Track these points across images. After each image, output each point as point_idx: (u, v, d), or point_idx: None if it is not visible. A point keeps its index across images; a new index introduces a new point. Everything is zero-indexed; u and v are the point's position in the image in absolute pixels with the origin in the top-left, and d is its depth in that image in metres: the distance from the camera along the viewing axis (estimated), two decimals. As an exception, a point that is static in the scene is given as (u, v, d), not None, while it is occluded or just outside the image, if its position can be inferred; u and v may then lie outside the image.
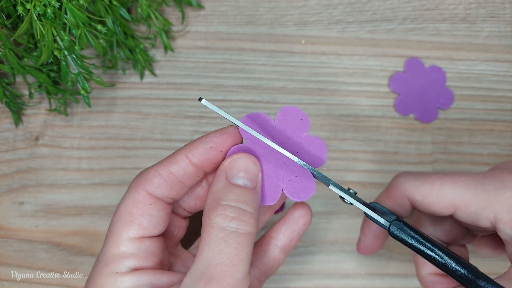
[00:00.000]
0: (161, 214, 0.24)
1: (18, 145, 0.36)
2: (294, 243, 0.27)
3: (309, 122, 0.25)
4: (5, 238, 0.35)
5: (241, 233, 0.22)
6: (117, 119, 0.36)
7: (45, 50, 0.30)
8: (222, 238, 0.22)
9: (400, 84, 0.37)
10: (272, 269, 0.27)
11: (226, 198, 0.22)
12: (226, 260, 0.21)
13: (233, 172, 0.23)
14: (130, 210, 0.23)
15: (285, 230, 0.27)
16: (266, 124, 0.24)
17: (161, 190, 0.23)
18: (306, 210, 0.27)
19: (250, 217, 0.22)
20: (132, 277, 0.22)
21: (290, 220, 0.27)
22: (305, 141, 0.25)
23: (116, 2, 0.34)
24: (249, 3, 0.38)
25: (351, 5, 0.38)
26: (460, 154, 0.37)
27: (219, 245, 0.21)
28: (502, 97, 0.38)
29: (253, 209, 0.23)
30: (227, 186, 0.23)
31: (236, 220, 0.22)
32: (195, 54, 0.37)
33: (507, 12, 0.39)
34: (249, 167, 0.23)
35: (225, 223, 0.22)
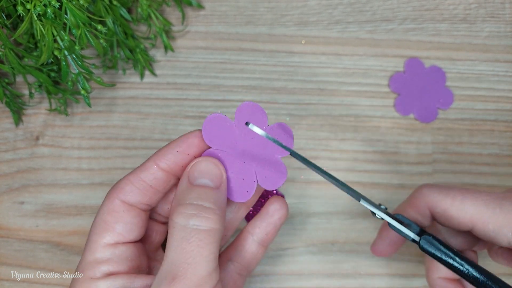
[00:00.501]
0: (135, 220, 0.24)
1: (19, 145, 0.36)
2: (271, 236, 0.28)
3: (264, 113, 0.25)
4: (5, 238, 0.35)
5: (202, 230, 0.22)
6: (117, 119, 0.36)
7: (45, 50, 0.30)
8: (183, 237, 0.22)
9: (400, 84, 0.37)
10: (251, 263, 0.28)
11: (187, 198, 0.23)
12: (188, 259, 0.21)
13: (195, 175, 0.23)
14: (105, 218, 0.24)
15: (260, 223, 0.27)
16: (227, 126, 0.24)
17: (133, 197, 0.24)
18: (281, 204, 0.27)
19: (211, 213, 0.22)
20: (106, 282, 0.23)
21: (265, 214, 0.27)
22: (269, 132, 0.25)
23: (117, 2, 0.34)
24: (249, 3, 0.38)
25: (351, 5, 0.38)
26: (460, 154, 0.37)
27: (181, 244, 0.21)
28: (502, 97, 0.38)
29: (215, 205, 0.23)
30: (189, 187, 0.23)
31: (196, 217, 0.22)
32: (195, 54, 0.37)
33: (507, 12, 0.39)
34: (209, 168, 0.24)
35: (185, 222, 0.22)
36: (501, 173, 0.37)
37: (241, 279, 0.28)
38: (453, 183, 0.36)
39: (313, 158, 0.36)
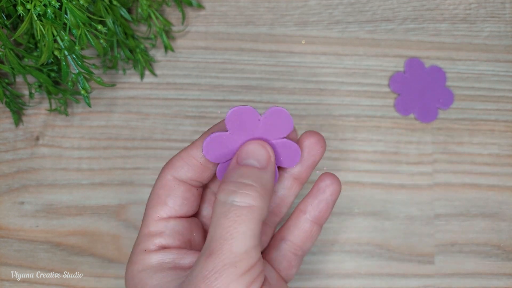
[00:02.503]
0: (186, 195, 0.25)
1: (19, 145, 0.36)
2: (325, 214, 0.27)
3: (253, 111, 0.24)
4: (5, 238, 0.35)
5: (240, 206, 0.22)
6: (117, 119, 0.36)
7: (46, 50, 0.30)
8: (222, 213, 0.22)
9: (400, 84, 0.37)
10: (306, 243, 0.27)
11: (231, 176, 0.23)
12: (225, 234, 0.21)
13: (242, 155, 0.24)
14: (158, 192, 0.25)
15: (312, 201, 0.27)
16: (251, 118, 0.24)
17: (184, 173, 0.25)
18: (332, 179, 0.27)
19: (251, 190, 0.22)
20: (158, 255, 0.24)
21: (316, 190, 0.27)
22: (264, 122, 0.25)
23: (117, 2, 0.34)
24: (249, 3, 0.38)
25: (351, 5, 0.38)
26: (460, 154, 0.37)
27: (220, 219, 0.22)
28: (502, 97, 0.38)
29: (257, 183, 0.22)
30: (235, 167, 0.24)
31: (235, 193, 0.22)
32: (195, 54, 0.37)
33: (507, 12, 0.39)
34: (256, 149, 0.24)
35: (225, 198, 0.22)
36: (501, 173, 0.37)
37: (296, 259, 0.27)
38: (453, 183, 0.36)
39: (313, 158, 0.36)
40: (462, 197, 0.36)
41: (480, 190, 0.36)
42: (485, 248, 0.36)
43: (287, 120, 0.24)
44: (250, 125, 0.24)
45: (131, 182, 0.36)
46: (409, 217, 0.36)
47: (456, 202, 0.36)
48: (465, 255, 0.36)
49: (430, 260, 0.35)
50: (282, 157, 0.25)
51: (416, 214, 0.36)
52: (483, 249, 0.36)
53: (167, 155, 0.36)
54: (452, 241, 0.36)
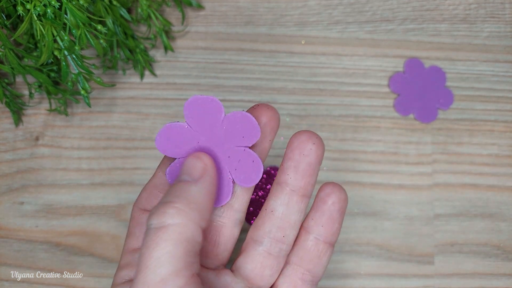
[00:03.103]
0: None
1: (18, 145, 0.36)
2: (331, 228, 0.23)
3: (218, 104, 0.22)
4: (5, 238, 0.35)
5: (156, 228, 0.19)
6: (117, 119, 0.36)
7: (45, 50, 0.30)
8: (144, 239, 0.20)
9: (400, 85, 0.37)
10: (314, 265, 0.23)
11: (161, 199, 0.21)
12: (140, 264, 0.19)
13: (179, 175, 0.22)
14: (129, 225, 0.24)
15: (313, 214, 0.23)
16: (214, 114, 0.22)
17: (149, 202, 0.24)
18: (333, 187, 0.23)
19: (169, 207, 0.20)
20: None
21: (316, 202, 0.23)
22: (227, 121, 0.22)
23: (116, 2, 0.34)
24: (249, 4, 0.38)
25: (350, 6, 0.38)
26: (460, 155, 0.37)
27: (141, 247, 0.20)
28: (502, 97, 0.38)
29: (178, 198, 0.20)
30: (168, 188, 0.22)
31: (153, 215, 0.20)
32: (195, 54, 0.37)
33: (507, 13, 0.39)
34: (191, 163, 0.22)
35: (147, 222, 0.20)
36: (501, 173, 0.37)
37: (305, 285, 0.24)
38: (453, 184, 0.36)
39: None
40: (461, 197, 0.36)
41: (479, 190, 0.36)
42: (485, 248, 0.36)
43: (253, 128, 0.22)
44: (211, 122, 0.22)
45: (131, 182, 0.36)
46: (409, 217, 0.36)
47: (455, 202, 0.36)
48: (464, 255, 0.36)
49: (430, 260, 0.35)
50: (239, 171, 0.22)
51: (416, 214, 0.36)
52: (483, 249, 0.36)
53: (167, 155, 0.36)
54: (451, 241, 0.36)
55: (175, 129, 0.23)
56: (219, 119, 0.22)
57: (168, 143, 0.23)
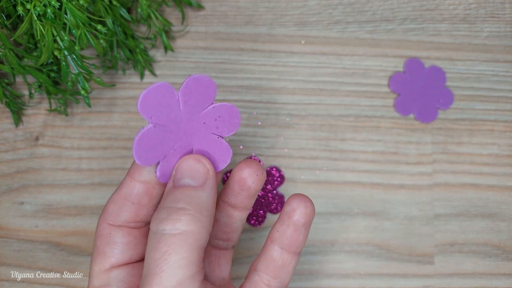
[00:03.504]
0: (126, 240, 0.23)
1: (18, 145, 0.36)
2: (296, 240, 0.24)
3: (215, 88, 0.22)
4: (5, 238, 0.35)
5: (171, 235, 0.19)
6: (117, 119, 0.36)
7: (45, 50, 0.30)
8: (153, 244, 0.20)
9: (400, 84, 0.37)
10: (279, 273, 0.24)
11: (164, 201, 0.21)
12: (154, 268, 0.19)
13: (177, 176, 0.22)
14: (96, 244, 0.23)
15: (279, 226, 0.24)
16: (168, 98, 0.22)
17: (118, 216, 0.23)
18: (299, 201, 0.23)
19: (183, 214, 0.20)
20: None
21: (282, 214, 0.24)
22: (213, 110, 0.23)
23: (116, 2, 0.34)
24: (249, 3, 0.38)
25: (350, 6, 0.38)
26: (460, 154, 0.37)
27: (150, 253, 0.20)
28: (501, 97, 0.38)
29: (190, 204, 0.20)
30: (170, 190, 0.21)
31: (165, 220, 0.20)
32: (195, 54, 0.37)
33: (507, 12, 0.39)
34: (191, 165, 0.22)
35: (155, 227, 0.20)
36: (501, 173, 0.37)
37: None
38: (452, 184, 0.36)
39: (313, 158, 0.36)
40: (461, 197, 0.36)
41: (479, 190, 0.36)
42: (485, 248, 0.36)
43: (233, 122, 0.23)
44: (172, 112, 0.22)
45: (131, 182, 0.36)
46: (409, 217, 0.36)
47: (455, 202, 0.36)
48: (464, 255, 0.36)
49: (430, 260, 0.35)
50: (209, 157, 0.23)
51: (416, 214, 0.36)
52: (483, 249, 0.36)
53: (167, 155, 0.36)
54: (451, 241, 0.36)
55: (144, 136, 0.21)
56: (209, 100, 0.22)
57: (147, 152, 0.21)
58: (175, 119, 0.22)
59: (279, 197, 0.35)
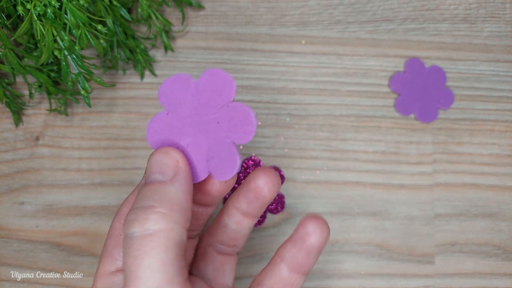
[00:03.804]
0: None
1: (18, 145, 0.36)
2: (306, 263, 0.22)
3: (234, 87, 0.21)
4: (5, 238, 0.35)
5: (141, 236, 0.18)
6: (117, 119, 0.36)
7: (46, 50, 0.30)
8: (126, 250, 0.19)
9: (401, 84, 0.37)
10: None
11: (135, 202, 0.20)
12: (129, 275, 0.18)
13: (147, 173, 0.20)
14: (106, 243, 0.22)
15: (291, 247, 0.22)
16: (186, 91, 0.21)
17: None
18: (315, 225, 0.22)
19: (151, 213, 0.18)
20: None
21: (295, 237, 0.22)
22: (228, 110, 0.21)
23: (117, 2, 0.34)
24: (249, 3, 0.38)
25: (351, 6, 0.38)
26: (460, 154, 0.37)
27: (125, 258, 0.18)
28: (502, 97, 0.38)
29: (158, 201, 0.19)
30: (140, 189, 0.20)
31: (134, 222, 0.19)
32: (195, 54, 0.37)
33: (507, 12, 0.39)
34: (159, 159, 0.20)
35: (126, 231, 0.19)
36: (501, 173, 0.37)
37: None
38: (453, 183, 0.36)
39: (314, 158, 0.36)
40: (462, 197, 0.36)
41: (480, 190, 0.36)
42: (485, 248, 0.36)
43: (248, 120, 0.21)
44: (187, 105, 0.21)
45: (131, 182, 0.36)
46: (409, 217, 0.36)
47: (456, 202, 0.36)
48: (465, 255, 0.36)
49: (430, 260, 0.35)
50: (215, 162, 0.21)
51: (416, 214, 0.36)
52: (483, 249, 0.36)
53: (167, 155, 0.36)
54: (452, 241, 0.36)
55: (157, 120, 0.21)
56: (229, 97, 0.21)
57: (158, 135, 0.21)
58: (189, 113, 0.21)
59: (279, 197, 0.35)
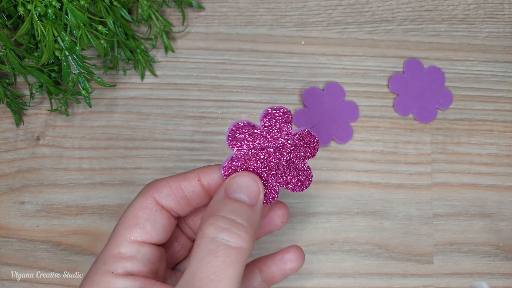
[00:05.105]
0: (165, 222, 0.24)
1: (19, 145, 0.36)
2: (276, 280, 0.27)
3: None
4: (6, 238, 0.35)
5: (230, 247, 0.21)
6: (118, 119, 0.36)
7: (46, 51, 0.30)
8: (210, 250, 0.21)
9: (399, 85, 0.37)
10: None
11: (221, 210, 0.22)
12: (211, 274, 0.20)
13: (233, 188, 0.23)
14: (136, 213, 0.23)
15: (271, 264, 0.27)
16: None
17: (168, 201, 0.24)
18: (297, 256, 0.27)
19: (243, 231, 0.21)
20: (125, 280, 0.22)
21: (279, 259, 0.27)
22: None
23: (117, 2, 0.34)
24: (249, 4, 0.38)
25: (350, 6, 0.39)
26: (459, 154, 0.37)
27: (207, 257, 0.20)
28: (500, 97, 0.38)
29: (248, 224, 0.22)
30: (225, 199, 0.23)
31: (227, 231, 0.21)
32: (196, 54, 0.38)
33: (506, 13, 0.39)
34: (248, 183, 0.23)
35: (215, 234, 0.21)
36: (499, 173, 0.37)
37: None
38: (452, 183, 0.37)
39: (313, 158, 0.36)
40: (460, 197, 0.36)
41: (478, 190, 0.37)
42: (484, 247, 0.36)
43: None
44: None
45: (132, 182, 0.36)
46: (408, 216, 0.36)
47: (454, 202, 0.36)
48: (463, 254, 0.36)
49: (429, 259, 0.36)
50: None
51: (415, 214, 0.36)
52: (482, 248, 0.36)
53: (168, 155, 0.36)
54: (450, 240, 0.36)
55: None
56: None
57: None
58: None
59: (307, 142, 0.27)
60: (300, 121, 0.36)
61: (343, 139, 0.36)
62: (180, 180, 0.24)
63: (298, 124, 0.36)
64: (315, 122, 0.36)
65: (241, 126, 0.23)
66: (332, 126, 0.36)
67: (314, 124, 0.36)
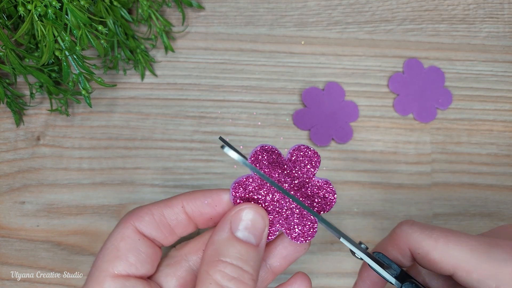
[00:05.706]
0: (149, 251, 0.23)
1: (20, 145, 0.36)
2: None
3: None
4: (6, 238, 0.35)
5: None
6: (118, 119, 0.37)
7: (46, 51, 0.30)
8: (209, 283, 0.21)
9: (399, 85, 0.37)
10: None
11: (227, 254, 0.22)
12: None
13: (239, 224, 0.22)
14: (118, 244, 0.22)
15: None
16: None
17: (150, 229, 0.23)
18: (307, 283, 0.26)
19: (250, 279, 0.21)
20: None
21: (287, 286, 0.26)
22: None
23: (117, 3, 0.34)
24: (249, 4, 0.38)
25: (350, 6, 0.39)
26: (459, 154, 0.37)
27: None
28: (500, 97, 0.38)
29: (254, 270, 0.22)
30: (230, 239, 0.22)
31: (235, 280, 0.21)
32: (195, 54, 0.38)
33: (505, 13, 0.39)
34: (256, 221, 0.23)
35: (223, 282, 0.21)
36: (499, 172, 0.37)
37: None
38: (452, 183, 0.37)
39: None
40: (460, 196, 0.36)
41: (478, 189, 0.37)
42: (484, 247, 0.36)
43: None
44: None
45: (132, 181, 0.36)
46: (408, 216, 0.36)
47: (454, 201, 0.36)
48: (463, 254, 0.36)
49: (429, 259, 0.36)
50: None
51: (415, 214, 0.36)
52: (482, 248, 0.36)
53: (167, 155, 0.36)
54: (450, 240, 0.36)
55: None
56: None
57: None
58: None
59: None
60: (300, 121, 0.36)
61: (343, 139, 0.36)
62: (162, 207, 0.23)
63: (298, 124, 0.36)
64: (315, 122, 0.36)
65: (267, 149, 0.23)
66: (332, 126, 0.36)
67: (314, 124, 0.36)
